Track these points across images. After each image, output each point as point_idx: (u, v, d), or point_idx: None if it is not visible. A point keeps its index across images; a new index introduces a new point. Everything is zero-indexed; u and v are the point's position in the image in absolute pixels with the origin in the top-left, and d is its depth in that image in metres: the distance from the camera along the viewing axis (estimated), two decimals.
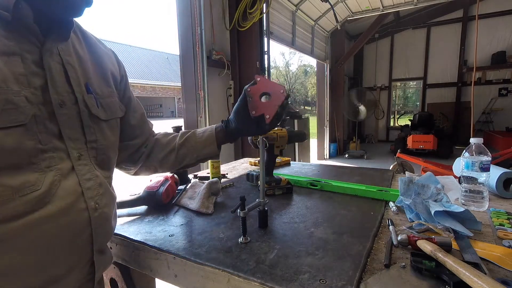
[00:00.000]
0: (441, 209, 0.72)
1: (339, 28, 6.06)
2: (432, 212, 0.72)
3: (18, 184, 0.45)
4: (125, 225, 0.79)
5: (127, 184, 1.04)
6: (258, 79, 0.68)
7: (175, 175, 1.06)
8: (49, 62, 0.51)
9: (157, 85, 26.46)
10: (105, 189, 0.59)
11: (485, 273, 0.50)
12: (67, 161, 0.52)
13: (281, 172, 1.34)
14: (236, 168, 1.54)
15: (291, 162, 1.62)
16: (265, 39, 3.39)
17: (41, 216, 0.47)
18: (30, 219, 0.46)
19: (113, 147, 0.65)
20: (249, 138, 1.01)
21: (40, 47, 0.50)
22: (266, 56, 3.37)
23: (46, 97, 0.50)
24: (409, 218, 0.78)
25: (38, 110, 0.48)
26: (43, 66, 0.50)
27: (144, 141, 0.80)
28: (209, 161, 1.23)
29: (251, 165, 1.60)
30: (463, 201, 0.87)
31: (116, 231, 0.73)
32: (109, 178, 0.64)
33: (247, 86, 0.69)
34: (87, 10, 0.55)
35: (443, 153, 6.51)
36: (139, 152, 0.79)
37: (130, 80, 0.77)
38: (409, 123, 7.64)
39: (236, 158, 3.15)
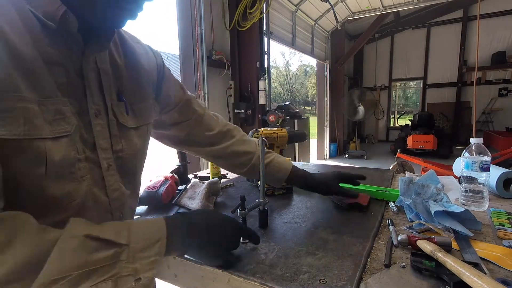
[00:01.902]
0: (441, 209, 0.72)
1: (339, 28, 6.06)
2: (432, 212, 0.72)
3: (62, 194, 0.46)
4: None
5: None
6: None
7: (175, 175, 1.06)
8: (87, 71, 0.50)
9: None
10: (126, 199, 0.58)
11: (485, 273, 0.50)
12: (97, 171, 0.52)
13: None
14: None
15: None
16: (265, 39, 3.39)
17: None
18: None
19: (140, 154, 0.63)
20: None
21: (81, 56, 0.50)
22: (266, 56, 3.38)
23: (83, 107, 0.49)
24: (409, 218, 0.78)
25: (77, 120, 0.48)
26: (82, 75, 0.50)
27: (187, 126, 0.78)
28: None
29: None
30: (463, 201, 0.87)
31: None
32: (134, 185, 0.62)
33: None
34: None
35: (443, 153, 6.50)
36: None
37: None
38: (409, 123, 7.64)
39: None
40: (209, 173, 1.27)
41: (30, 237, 0.37)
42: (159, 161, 3.28)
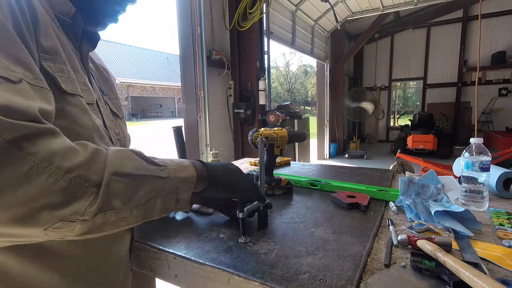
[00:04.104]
0: (441, 209, 0.72)
1: (339, 28, 6.06)
2: (432, 212, 0.72)
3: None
4: None
5: None
6: None
7: None
8: (87, 65, 0.60)
9: (157, 85, 26.43)
10: None
11: (485, 273, 0.50)
12: (111, 144, 0.60)
13: (281, 172, 1.34)
14: None
15: (291, 162, 1.61)
16: (265, 39, 3.39)
17: None
18: None
19: (127, 142, 0.73)
20: (249, 138, 1.01)
21: (80, 51, 0.59)
22: (266, 56, 3.37)
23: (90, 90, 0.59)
24: (409, 218, 0.78)
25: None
26: (84, 67, 0.59)
27: None
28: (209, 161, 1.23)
29: (251, 165, 1.60)
30: (463, 201, 0.87)
31: None
32: None
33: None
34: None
35: (443, 153, 6.50)
36: None
37: (130, 80, 0.83)
38: (409, 123, 7.63)
39: (236, 158, 3.15)
40: None
41: (89, 146, 0.42)
42: None
